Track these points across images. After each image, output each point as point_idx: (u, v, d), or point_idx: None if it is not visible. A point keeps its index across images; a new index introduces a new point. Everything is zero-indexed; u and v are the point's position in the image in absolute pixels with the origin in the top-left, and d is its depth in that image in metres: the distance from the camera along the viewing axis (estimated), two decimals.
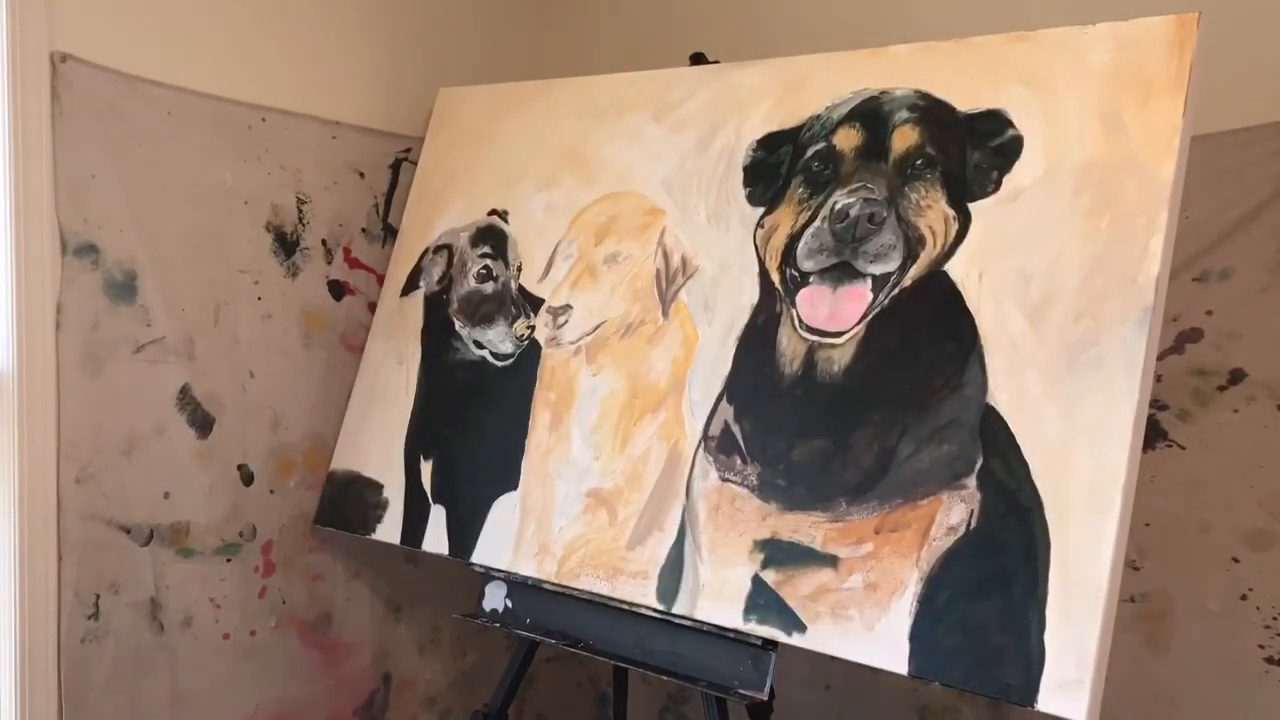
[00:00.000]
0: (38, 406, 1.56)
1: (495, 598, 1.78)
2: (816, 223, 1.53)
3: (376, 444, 1.95)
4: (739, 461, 1.52)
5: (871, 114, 1.53)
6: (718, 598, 1.48)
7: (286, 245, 1.94)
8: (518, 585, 1.73)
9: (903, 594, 1.33)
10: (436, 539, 1.81)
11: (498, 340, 1.86)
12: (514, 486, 1.74)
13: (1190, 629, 1.77)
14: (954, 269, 1.41)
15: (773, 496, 1.48)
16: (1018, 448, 1.31)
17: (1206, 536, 1.76)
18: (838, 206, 1.51)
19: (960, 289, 1.40)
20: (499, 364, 1.84)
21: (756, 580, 1.45)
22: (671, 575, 1.53)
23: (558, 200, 1.86)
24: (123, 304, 1.69)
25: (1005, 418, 1.32)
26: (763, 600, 1.44)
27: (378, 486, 1.92)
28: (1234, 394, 1.75)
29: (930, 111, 1.48)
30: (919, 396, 1.39)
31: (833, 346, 1.48)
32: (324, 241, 1.99)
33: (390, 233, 2.11)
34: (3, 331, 1.55)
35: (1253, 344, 1.74)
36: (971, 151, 1.44)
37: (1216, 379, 1.76)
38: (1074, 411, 1.28)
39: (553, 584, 1.66)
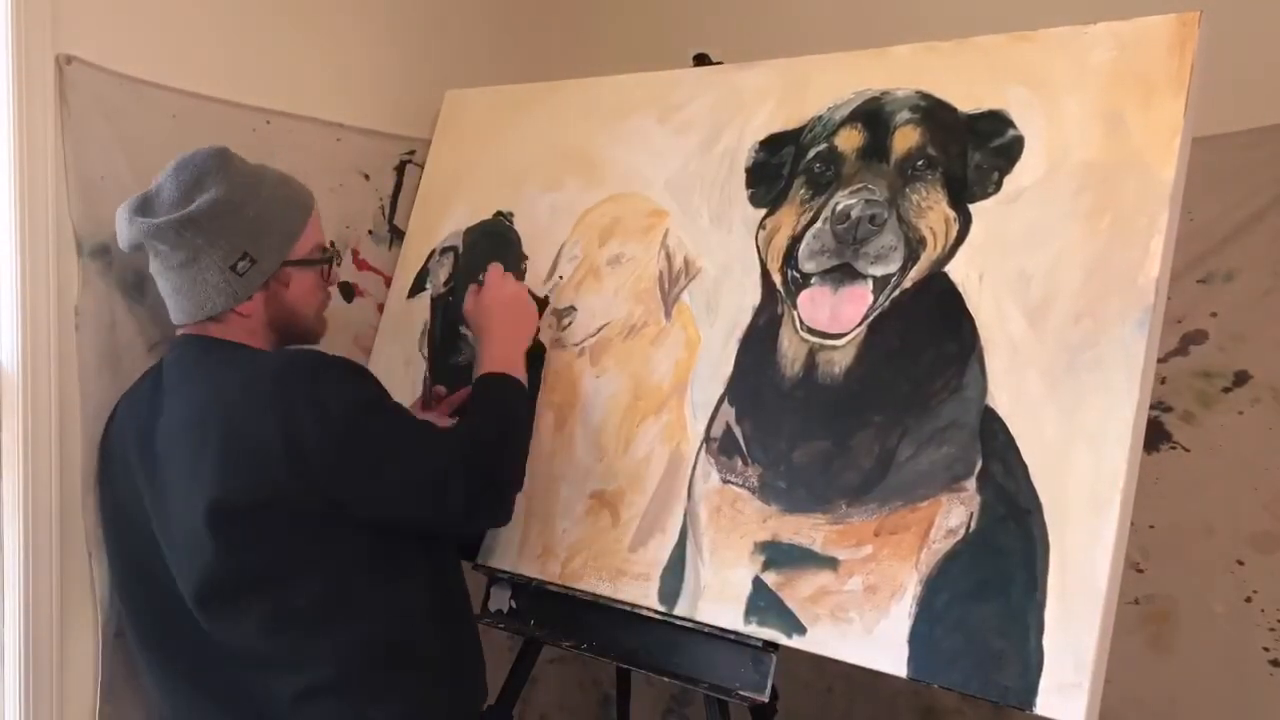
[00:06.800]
0: (42, 405, 1.57)
1: (500, 599, 1.78)
2: (818, 224, 1.53)
3: None
4: (740, 463, 1.52)
5: (873, 115, 1.53)
6: (719, 599, 1.48)
7: None
8: (522, 587, 1.74)
9: (902, 596, 1.33)
10: None
11: None
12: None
13: (1194, 631, 1.77)
14: (954, 270, 1.41)
15: (773, 498, 1.47)
16: (1017, 449, 1.30)
17: (1211, 539, 1.75)
18: (839, 208, 1.51)
19: (961, 290, 1.39)
20: None
21: (757, 582, 1.45)
22: (673, 577, 1.53)
23: (562, 202, 1.86)
24: (135, 303, 1.69)
25: (1005, 419, 1.32)
26: (763, 602, 1.44)
27: None
28: (1238, 396, 1.74)
29: (931, 112, 1.48)
30: (919, 398, 1.39)
31: (834, 348, 1.48)
32: (332, 244, 1.99)
33: (397, 235, 2.11)
34: (10, 332, 1.56)
35: (1257, 346, 1.73)
36: (973, 152, 1.44)
37: (1221, 381, 1.76)
38: (1074, 413, 1.27)
39: (556, 585, 1.66)
